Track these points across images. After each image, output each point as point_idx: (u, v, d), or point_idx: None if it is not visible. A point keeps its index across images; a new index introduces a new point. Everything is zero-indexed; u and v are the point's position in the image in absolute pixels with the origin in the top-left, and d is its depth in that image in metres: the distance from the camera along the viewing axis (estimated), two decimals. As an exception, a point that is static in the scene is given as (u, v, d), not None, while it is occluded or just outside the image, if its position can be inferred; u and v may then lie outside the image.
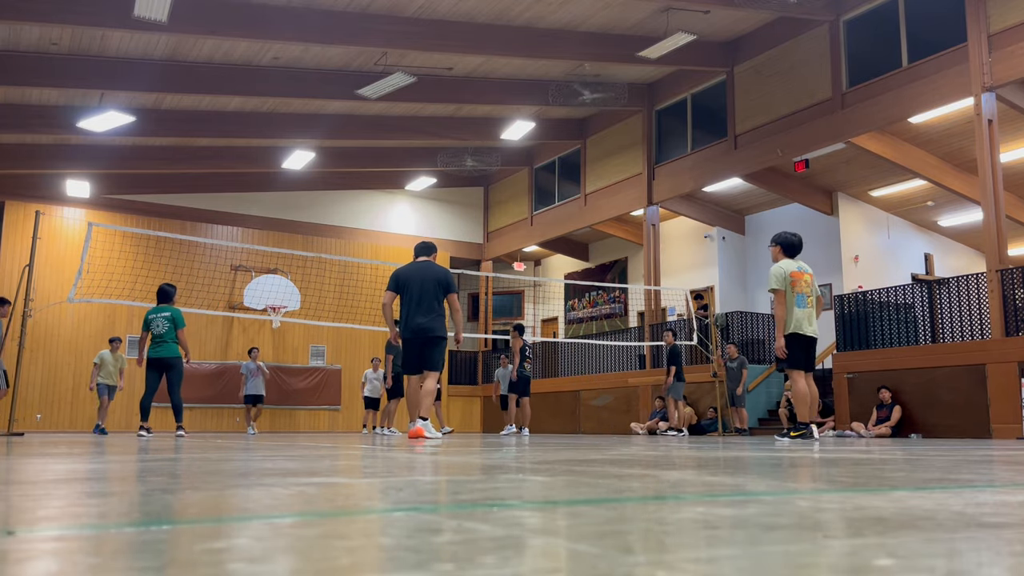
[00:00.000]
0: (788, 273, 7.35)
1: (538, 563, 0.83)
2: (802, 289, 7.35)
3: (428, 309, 7.47)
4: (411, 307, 7.48)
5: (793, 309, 7.26)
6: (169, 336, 9.24)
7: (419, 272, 7.59)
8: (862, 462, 3.05)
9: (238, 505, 1.44)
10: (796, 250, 7.60)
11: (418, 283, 7.52)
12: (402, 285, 7.58)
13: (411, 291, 7.51)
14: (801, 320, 7.25)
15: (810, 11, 12.48)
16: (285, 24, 11.86)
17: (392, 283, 7.67)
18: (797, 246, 7.62)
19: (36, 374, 15.60)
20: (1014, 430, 9.73)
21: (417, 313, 7.43)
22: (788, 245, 7.59)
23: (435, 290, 7.53)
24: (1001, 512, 1.29)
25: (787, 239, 7.64)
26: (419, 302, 7.46)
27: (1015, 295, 10.24)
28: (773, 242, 7.72)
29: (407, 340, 7.51)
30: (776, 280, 7.35)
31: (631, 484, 1.89)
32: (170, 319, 9.27)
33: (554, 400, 17.91)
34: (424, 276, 7.56)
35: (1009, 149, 12.72)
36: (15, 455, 3.70)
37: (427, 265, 7.69)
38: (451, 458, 3.43)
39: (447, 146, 17.56)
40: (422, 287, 7.50)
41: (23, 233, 15.84)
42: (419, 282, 7.52)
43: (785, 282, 7.32)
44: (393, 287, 7.65)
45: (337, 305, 16.93)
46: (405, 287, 7.56)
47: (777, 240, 7.68)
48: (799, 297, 7.31)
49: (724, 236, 17.29)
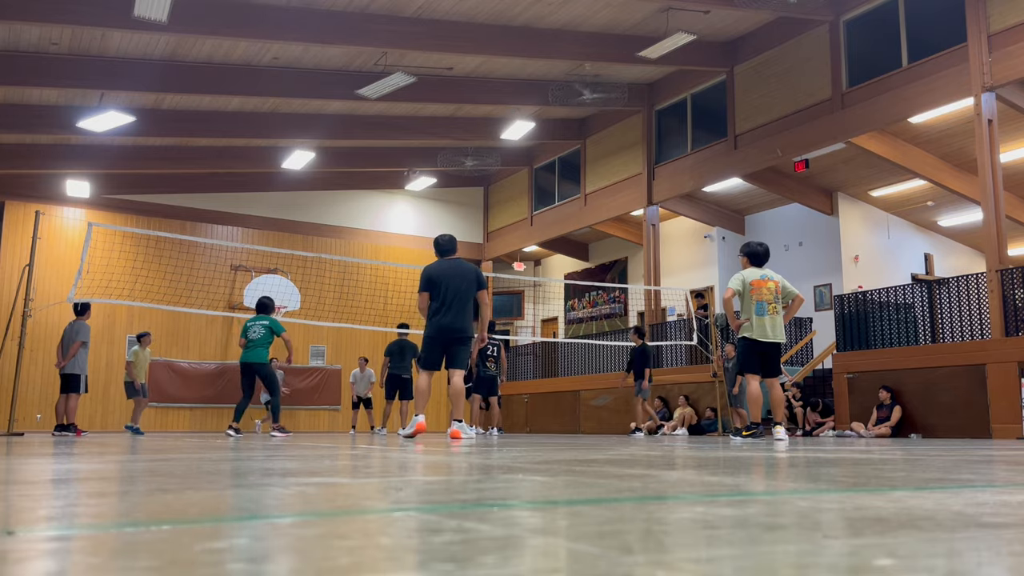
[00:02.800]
0: (748, 281, 7.76)
1: (538, 563, 0.83)
2: (763, 296, 7.74)
3: (460, 309, 7.39)
4: (442, 306, 7.37)
5: (752, 316, 7.67)
6: (260, 342, 9.93)
7: (453, 270, 7.49)
8: (862, 462, 3.05)
9: (238, 505, 1.44)
10: (762, 260, 7.99)
11: (452, 282, 7.41)
12: (434, 284, 7.44)
13: (444, 290, 7.38)
14: (762, 327, 7.64)
15: (810, 11, 12.48)
16: (285, 24, 11.86)
17: (425, 283, 7.52)
18: (762, 255, 8.01)
19: (36, 374, 15.59)
20: (1014, 430, 9.73)
21: (448, 312, 7.34)
22: (753, 255, 8.00)
23: (468, 289, 7.46)
24: (1001, 512, 1.29)
25: (753, 249, 8.04)
26: (452, 302, 7.36)
27: (1015, 295, 10.24)
28: (741, 252, 8.20)
29: (431, 338, 7.40)
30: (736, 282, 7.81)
31: (631, 484, 1.89)
32: (267, 327, 10.01)
33: (554, 400, 17.92)
34: (457, 274, 7.47)
35: (1009, 149, 12.72)
36: (15, 455, 3.70)
37: (459, 263, 7.61)
38: (451, 458, 3.43)
39: (447, 146, 17.56)
40: (456, 286, 7.41)
41: (23, 233, 15.84)
42: (453, 281, 7.42)
43: (744, 287, 7.75)
44: (427, 287, 7.51)
45: (337, 305, 16.93)
46: (437, 286, 7.42)
47: (744, 251, 8.12)
48: (759, 305, 7.70)
49: (724, 236, 17.30)
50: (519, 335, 21.69)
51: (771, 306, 7.69)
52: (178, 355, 17.16)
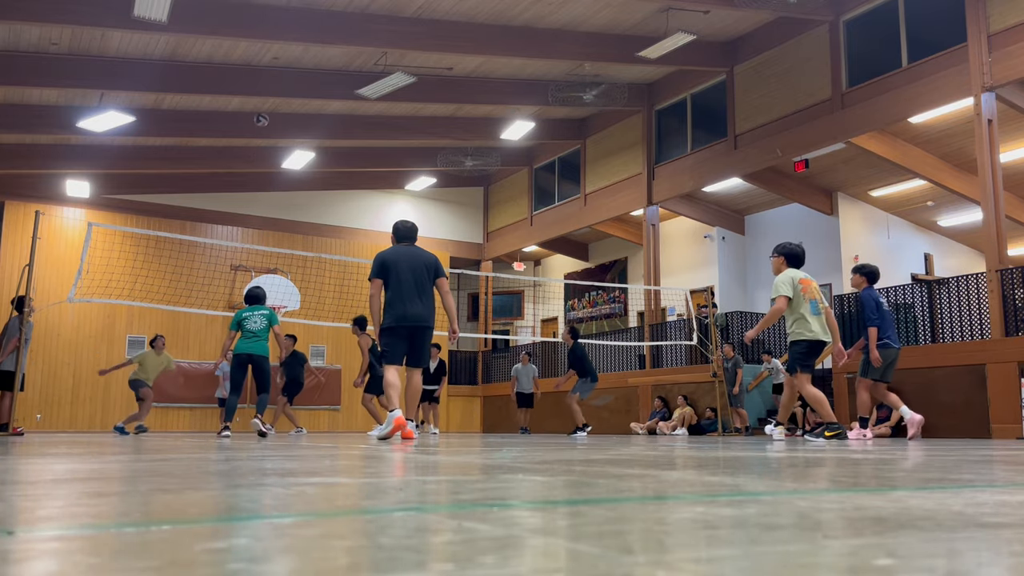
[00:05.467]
0: (797, 280, 7.24)
1: (538, 563, 0.83)
2: (814, 295, 7.28)
3: (424, 297, 6.84)
4: (404, 294, 6.77)
5: (809, 317, 7.17)
6: (263, 334, 9.25)
7: (408, 256, 6.91)
8: (862, 462, 3.05)
9: (238, 505, 1.44)
10: (800, 261, 7.48)
11: (409, 268, 6.82)
12: (389, 270, 6.83)
13: (402, 276, 6.78)
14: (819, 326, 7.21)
15: (810, 11, 12.48)
16: (285, 24, 11.87)
17: (378, 268, 6.88)
18: (801, 257, 7.49)
19: (36, 374, 15.59)
20: (1014, 430, 9.73)
21: (412, 301, 6.77)
22: (792, 256, 7.46)
23: (428, 276, 6.90)
24: (1001, 512, 1.29)
25: (791, 249, 7.49)
26: (413, 289, 6.79)
27: (1015, 295, 10.24)
28: (776, 253, 7.57)
29: (394, 329, 6.76)
30: (785, 286, 7.22)
31: (631, 484, 1.89)
32: (267, 317, 9.31)
33: (554, 400, 17.92)
34: (415, 261, 6.89)
35: (1009, 149, 12.72)
36: (15, 455, 3.70)
37: (415, 249, 7.04)
38: (451, 458, 3.43)
39: (447, 146, 17.56)
40: (414, 272, 6.82)
41: (23, 233, 15.84)
42: (410, 267, 6.83)
43: (795, 288, 7.22)
44: (379, 273, 6.88)
45: (337, 305, 16.93)
46: (393, 272, 6.82)
47: (780, 251, 7.54)
48: (812, 304, 7.23)
49: (724, 236, 17.30)
50: (519, 335, 21.69)
51: (822, 304, 7.32)
52: (178, 355, 17.15)
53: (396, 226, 7.13)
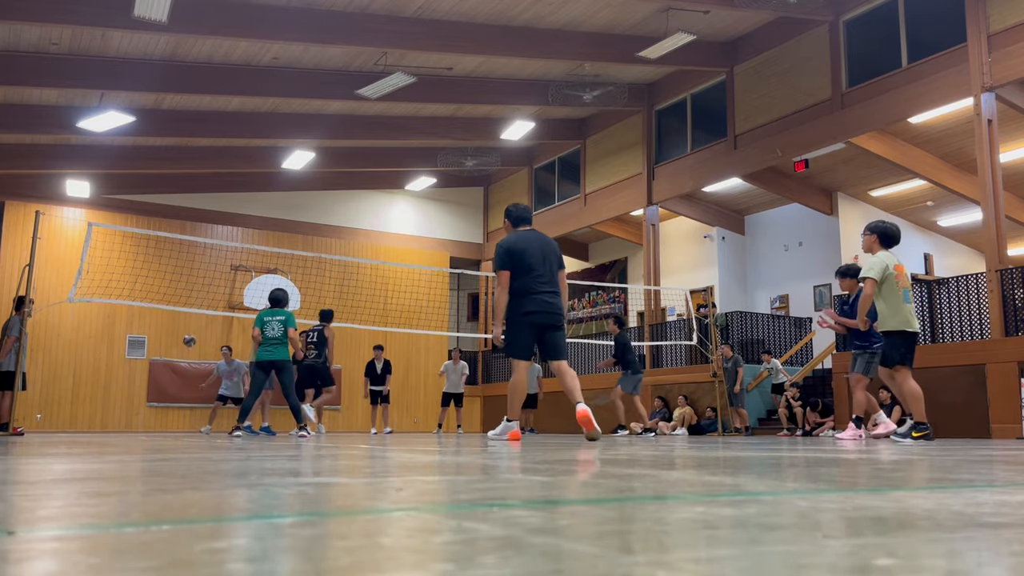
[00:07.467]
0: (891, 265, 6.70)
1: (538, 563, 0.83)
2: (907, 283, 6.73)
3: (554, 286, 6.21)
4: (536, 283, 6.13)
5: (901, 305, 6.65)
6: (281, 339, 9.35)
7: (537, 241, 6.27)
8: (862, 462, 3.05)
9: (238, 505, 1.44)
10: (894, 241, 6.91)
11: (539, 255, 6.18)
12: (517, 258, 6.15)
13: (533, 264, 6.14)
14: (912, 315, 6.71)
15: (810, 11, 12.48)
16: (285, 24, 11.87)
17: (506, 258, 6.16)
18: (895, 237, 6.91)
19: (36, 374, 15.60)
20: (1014, 430, 9.73)
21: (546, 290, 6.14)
22: (886, 235, 6.88)
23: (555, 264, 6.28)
24: (1001, 512, 1.29)
25: (884, 228, 6.91)
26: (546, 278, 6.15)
27: (1015, 295, 10.24)
28: (868, 231, 7.00)
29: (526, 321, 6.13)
30: (876, 269, 6.65)
31: (631, 484, 1.89)
32: (284, 322, 9.38)
33: (555, 400, 17.90)
34: (545, 248, 6.27)
35: (1009, 149, 12.72)
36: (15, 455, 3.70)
37: (540, 234, 6.39)
38: (451, 458, 3.43)
39: (447, 146, 17.56)
40: (544, 260, 6.18)
41: (23, 233, 15.84)
42: (541, 254, 6.19)
43: (886, 273, 6.67)
44: (506, 263, 6.16)
45: (337, 305, 16.92)
46: (521, 259, 6.14)
47: (873, 229, 6.97)
48: (905, 292, 6.69)
49: (724, 236, 17.30)
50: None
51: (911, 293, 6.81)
52: (178, 355, 17.17)
53: (509, 210, 6.51)
